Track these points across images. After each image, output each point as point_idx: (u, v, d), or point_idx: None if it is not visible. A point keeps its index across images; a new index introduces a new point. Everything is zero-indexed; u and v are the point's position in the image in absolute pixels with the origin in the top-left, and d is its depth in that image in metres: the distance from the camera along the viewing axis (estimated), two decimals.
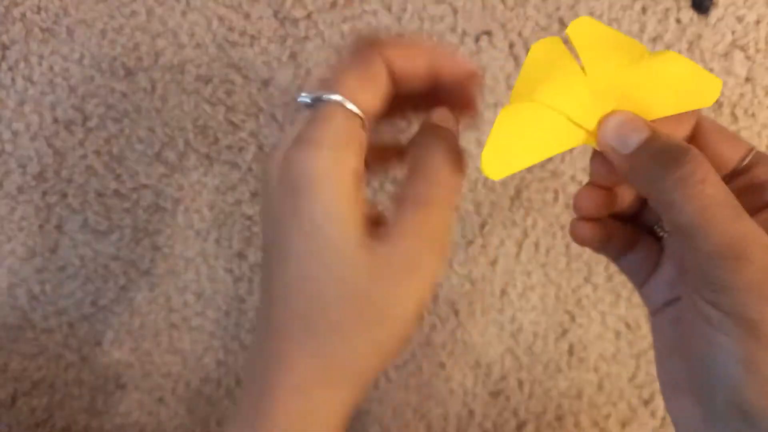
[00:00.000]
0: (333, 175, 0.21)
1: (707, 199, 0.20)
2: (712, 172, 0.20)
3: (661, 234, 0.27)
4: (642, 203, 0.27)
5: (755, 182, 0.23)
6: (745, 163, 0.23)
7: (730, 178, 0.24)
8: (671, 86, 0.22)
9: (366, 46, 0.23)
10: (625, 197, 0.26)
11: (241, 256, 0.44)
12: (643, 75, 0.22)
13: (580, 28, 0.23)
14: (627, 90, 0.22)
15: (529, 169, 0.41)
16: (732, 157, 0.23)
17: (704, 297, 0.21)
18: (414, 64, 0.23)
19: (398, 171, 0.26)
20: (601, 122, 0.22)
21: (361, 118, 0.22)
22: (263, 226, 0.23)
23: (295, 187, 0.21)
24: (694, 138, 0.24)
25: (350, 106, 0.21)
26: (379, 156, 0.26)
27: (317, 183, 0.20)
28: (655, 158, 0.21)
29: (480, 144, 0.41)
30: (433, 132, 0.24)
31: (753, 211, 0.22)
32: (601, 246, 0.26)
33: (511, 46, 0.40)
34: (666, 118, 0.23)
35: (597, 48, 0.23)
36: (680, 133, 0.23)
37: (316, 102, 0.22)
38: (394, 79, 0.23)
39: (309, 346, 0.21)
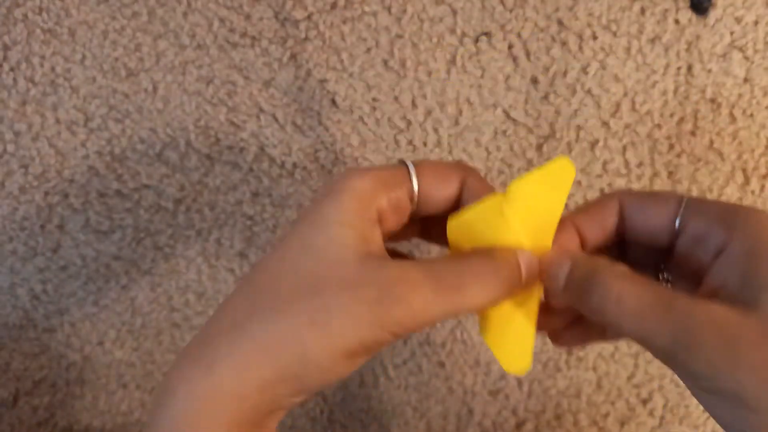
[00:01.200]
0: (362, 197, 0.23)
1: (633, 314, 0.21)
2: (629, 283, 0.21)
3: None
4: None
5: (694, 238, 0.23)
6: (678, 223, 0.24)
7: (677, 244, 0.24)
8: (543, 197, 0.24)
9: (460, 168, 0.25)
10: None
11: (242, 255, 0.44)
12: (523, 205, 0.24)
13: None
14: (534, 224, 0.24)
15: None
16: (661, 224, 0.24)
17: (682, 380, 0.22)
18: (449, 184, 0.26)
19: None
20: (542, 264, 0.24)
21: (412, 186, 0.24)
22: None
23: (333, 190, 0.23)
24: (623, 219, 0.25)
25: (412, 174, 0.24)
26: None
27: (348, 192, 0.23)
28: (575, 292, 0.23)
29: (479, 143, 0.41)
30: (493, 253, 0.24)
31: (704, 264, 0.23)
32: (587, 339, 0.27)
33: (510, 47, 0.40)
34: (590, 222, 0.24)
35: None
36: (608, 222, 0.24)
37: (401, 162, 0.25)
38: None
39: (241, 318, 0.23)
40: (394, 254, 0.28)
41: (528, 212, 0.24)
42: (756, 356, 0.19)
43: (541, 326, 0.26)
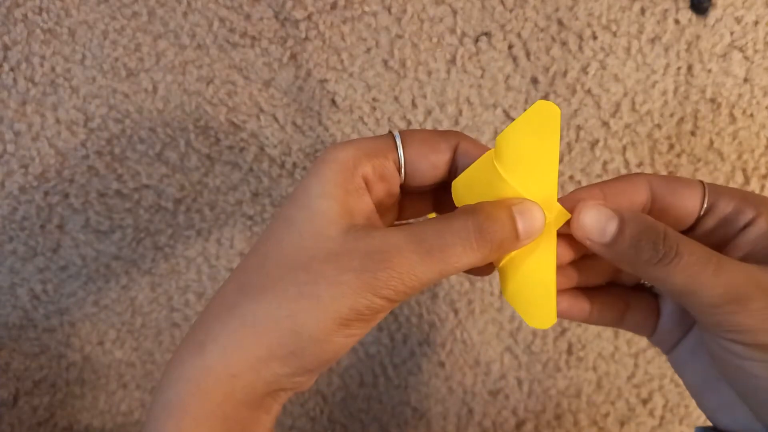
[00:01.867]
0: (343, 166, 0.23)
1: (688, 269, 0.22)
2: (683, 241, 0.22)
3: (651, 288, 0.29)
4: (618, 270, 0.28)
5: (722, 217, 0.25)
6: (705, 206, 0.25)
7: (699, 223, 0.25)
8: (533, 143, 0.23)
9: (449, 135, 0.25)
10: (600, 271, 0.27)
11: (242, 255, 0.44)
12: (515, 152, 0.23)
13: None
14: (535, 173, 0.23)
15: None
16: (693, 205, 0.25)
17: (723, 336, 0.23)
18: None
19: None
20: (575, 216, 0.24)
21: (398, 154, 0.24)
22: None
23: (316, 163, 0.24)
24: (652, 201, 0.25)
25: (398, 143, 0.24)
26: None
27: (329, 163, 0.23)
28: (633, 246, 0.22)
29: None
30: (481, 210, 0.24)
31: (728, 241, 0.25)
32: (598, 318, 0.27)
33: (511, 47, 0.40)
34: (619, 196, 0.24)
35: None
36: (636, 201, 0.24)
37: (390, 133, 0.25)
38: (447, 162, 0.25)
39: (230, 301, 0.23)
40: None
41: (520, 162, 0.23)
42: None
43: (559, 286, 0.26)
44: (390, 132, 0.25)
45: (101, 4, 0.41)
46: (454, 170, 0.25)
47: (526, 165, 0.23)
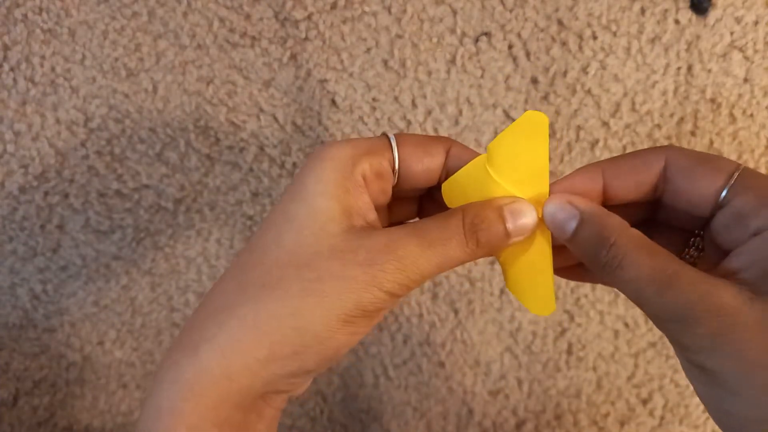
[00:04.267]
0: (341, 164, 0.23)
1: (631, 284, 0.21)
2: (632, 253, 0.21)
3: None
4: None
5: (736, 214, 0.22)
6: (724, 195, 0.22)
7: (714, 211, 0.23)
8: (523, 148, 0.24)
9: (439, 140, 0.26)
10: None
11: None
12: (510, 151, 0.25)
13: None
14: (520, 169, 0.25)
15: None
16: (708, 191, 0.22)
17: (673, 345, 0.22)
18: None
19: None
20: (543, 209, 0.24)
21: (393, 156, 0.25)
22: None
23: (312, 160, 0.24)
24: (666, 181, 0.24)
25: (393, 144, 0.25)
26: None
27: (326, 161, 0.23)
28: (581, 246, 0.23)
29: (480, 144, 0.41)
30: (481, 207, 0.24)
31: (739, 242, 0.22)
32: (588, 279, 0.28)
33: (511, 47, 0.40)
34: (625, 176, 0.24)
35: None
36: (647, 181, 0.24)
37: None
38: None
39: (228, 300, 0.22)
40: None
41: (511, 165, 0.24)
42: (748, 344, 0.19)
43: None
44: (384, 134, 0.25)
45: (101, 4, 0.41)
46: (444, 175, 0.26)
47: (517, 167, 0.24)
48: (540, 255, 0.25)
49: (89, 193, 0.43)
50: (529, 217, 0.24)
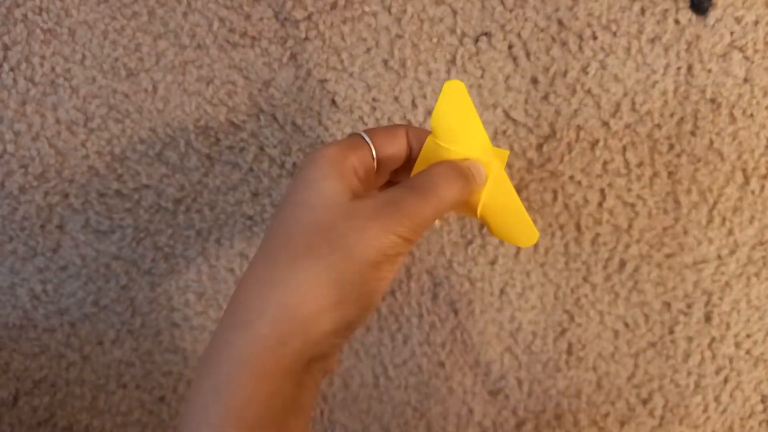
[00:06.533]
0: (333, 158, 0.27)
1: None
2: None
3: None
4: None
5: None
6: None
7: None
8: (455, 116, 0.29)
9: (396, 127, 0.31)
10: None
11: (242, 255, 0.44)
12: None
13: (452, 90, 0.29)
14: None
15: (528, 169, 0.42)
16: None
17: None
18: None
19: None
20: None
21: (370, 148, 0.30)
22: None
23: (307, 160, 0.28)
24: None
25: (367, 139, 0.29)
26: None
27: (321, 157, 0.27)
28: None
29: None
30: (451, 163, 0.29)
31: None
32: None
33: (510, 47, 0.40)
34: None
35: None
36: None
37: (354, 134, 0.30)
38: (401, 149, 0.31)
39: (266, 276, 0.25)
40: None
41: (453, 132, 0.29)
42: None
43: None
44: (354, 133, 0.30)
45: (101, 4, 0.42)
46: (409, 152, 0.31)
47: (458, 132, 0.29)
48: (507, 194, 0.30)
49: (89, 193, 0.43)
50: (480, 167, 0.30)
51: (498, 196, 0.30)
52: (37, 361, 0.47)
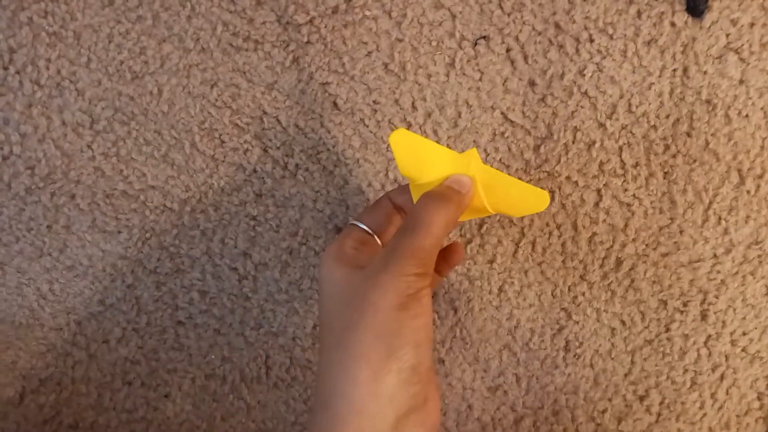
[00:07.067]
0: (333, 253, 0.32)
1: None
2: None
3: None
4: None
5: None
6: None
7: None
8: (418, 158, 0.32)
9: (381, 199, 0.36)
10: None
11: (245, 255, 0.44)
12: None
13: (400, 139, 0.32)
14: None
15: (526, 170, 0.42)
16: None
17: None
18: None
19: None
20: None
21: (365, 229, 0.34)
22: None
23: (319, 263, 0.33)
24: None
25: (359, 224, 0.34)
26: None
27: (326, 257, 0.32)
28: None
29: (478, 145, 0.42)
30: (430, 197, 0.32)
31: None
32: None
33: (509, 50, 0.40)
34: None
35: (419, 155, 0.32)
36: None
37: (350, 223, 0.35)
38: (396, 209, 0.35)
39: (330, 357, 0.29)
40: None
41: (421, 168, 0.32)
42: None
43: None
44: (349, 223, 0.34)
45: (106, 7, 0.42)
46: (402, 210, 0.35)
47: (424, 165, 0.32)
48: (500, 180, 0.32)
49: (95, 194, 0.44)
50: (464, 176, 0.32)
51: (493, 185, 0.33)
52: (43, 359, 0.47)
